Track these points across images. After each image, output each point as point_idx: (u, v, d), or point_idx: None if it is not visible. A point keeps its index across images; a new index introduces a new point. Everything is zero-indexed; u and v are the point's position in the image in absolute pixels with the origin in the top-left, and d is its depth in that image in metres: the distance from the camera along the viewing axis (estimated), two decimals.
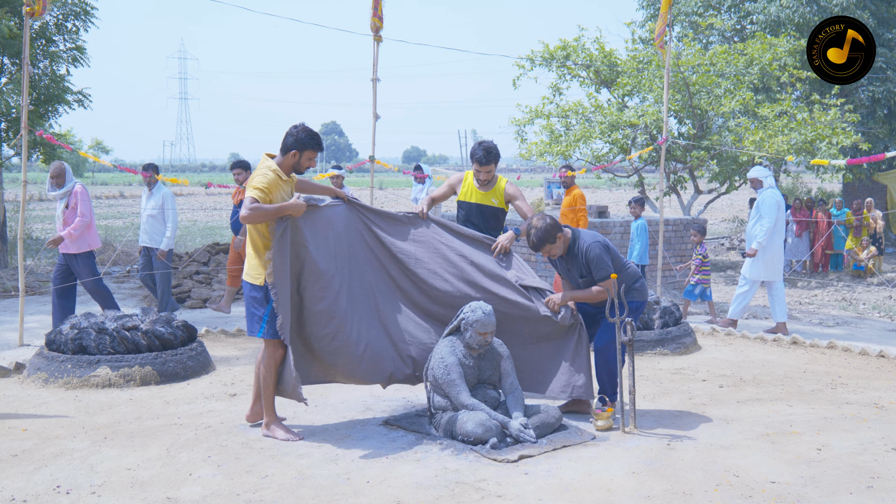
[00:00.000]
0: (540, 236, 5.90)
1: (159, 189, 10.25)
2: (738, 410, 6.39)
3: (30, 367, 7.22)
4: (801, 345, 8.93)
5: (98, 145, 75.76)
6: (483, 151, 6.64)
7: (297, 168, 5.66)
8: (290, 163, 5.62)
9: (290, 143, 5.59)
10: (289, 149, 5.59)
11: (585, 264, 5.99)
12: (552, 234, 5.91)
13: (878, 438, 5.68)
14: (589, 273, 6.01)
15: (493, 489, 4.70)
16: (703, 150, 15.84)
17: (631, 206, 11.79)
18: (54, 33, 16.11)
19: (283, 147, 5.63)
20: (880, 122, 20.27)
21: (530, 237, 5.92)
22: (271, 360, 5.64)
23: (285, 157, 5.61)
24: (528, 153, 17.77)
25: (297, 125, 5.64)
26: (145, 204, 10.29)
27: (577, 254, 6.02)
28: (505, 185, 6.85)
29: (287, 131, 5.64)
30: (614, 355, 5.98)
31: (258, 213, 5.36)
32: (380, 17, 10.10)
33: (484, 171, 6.70)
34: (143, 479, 4.81)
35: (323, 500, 4.54)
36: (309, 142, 5.61)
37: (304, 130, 5.61)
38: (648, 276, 13.80)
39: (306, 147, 5.60)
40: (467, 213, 6.91)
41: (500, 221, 6.95)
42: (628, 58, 17.79)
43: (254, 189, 5.40)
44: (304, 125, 5.65)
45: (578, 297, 6.09)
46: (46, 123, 16.53)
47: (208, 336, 9.06)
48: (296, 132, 5.59)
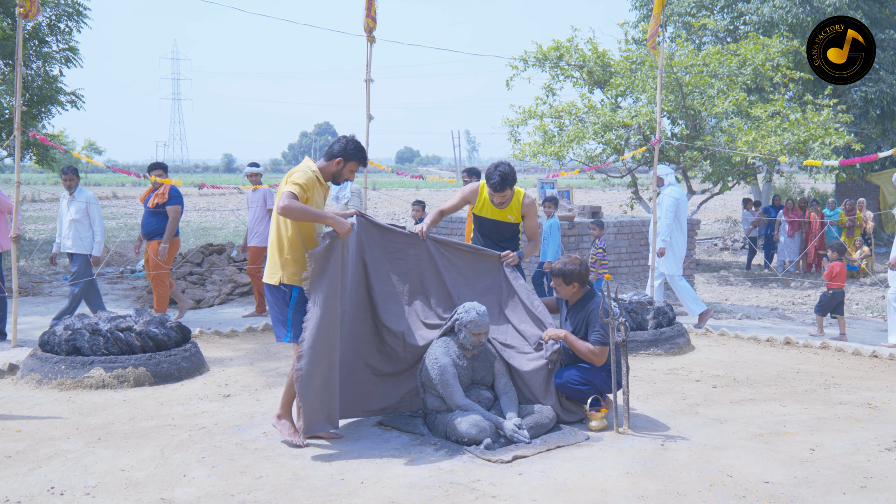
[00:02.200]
0: (561, 269, 6.12)
1: (82, 193, 9.80)
2: (732, 411, 6.41)
3: (23, 368, 7.21)
4: (794, 345, 8.95)
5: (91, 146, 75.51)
6: (499, 177, 6.41)
7: (337, 177, 5.61)
8: (332, 170, 5.58)
9: (337, 151, 5.56)
10: (335, 156, 5.56)
11: (585, 321, 6.04)
12: (572, 277, 6.09)
13: (871, 438, 5.70)
14: (584, 329, 6.04)
15: (487, 490, 4.70)
16: (697, 150, 15.86)
17: (545, 206, 11.83)
18: (47, 34, 16.09)
19: (328, 153, 5.59)
20: (873, 123, 20.34)
21: (556, 266, 6.15)
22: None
23: (329, 163, 5.57)
24: (521, 154, 17.76)
25: (348, 136, 5.63)
26: (66, 209, 9.79)
27: (585, 309, 6.07)
28: (522, 199, 6.67)
29: (336, 139, 5.62)
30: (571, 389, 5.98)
31: (300, 210, 5.26)
32: (373, 18, 10.10)
33: (498, 196, 6.52)
34: (137, 480, 4.80)
35: (317, 500, 4.54)
36: (356, 154, 5.60)
37: (354, 142, 5.60)
38: (643, 275, 13.84)
39: (352, 158, 5.58)
40: (481, 226, 6.82)
41: (516, 235, 6.86)
42: (621, 58, 17.81)
43: (294, 185, 5.33)
44: (354, 137, 5.64)
45: (574, 341, 5.99)
46: (39, 124, 16.50)
47: (202, 337, 9.05)
48: (345, 142, 5.58)
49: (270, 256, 5.53)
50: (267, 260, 5.58)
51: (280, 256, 5.45)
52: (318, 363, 5.29)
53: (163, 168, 10.30)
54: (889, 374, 7.79)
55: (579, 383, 5.94)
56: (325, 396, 5.37)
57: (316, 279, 5.33)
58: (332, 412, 5.46)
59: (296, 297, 5.45)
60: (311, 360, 5.26)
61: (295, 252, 5.45)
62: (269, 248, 5.56)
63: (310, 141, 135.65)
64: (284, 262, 5.43)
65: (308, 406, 5.30)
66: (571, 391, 5.97)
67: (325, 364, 5.34)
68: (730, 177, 16.86)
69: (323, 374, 5.33)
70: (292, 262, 5.43)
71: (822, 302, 10.32)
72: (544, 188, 16.82)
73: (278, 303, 5.48)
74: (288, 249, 5.45)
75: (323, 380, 5.34)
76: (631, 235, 14.17)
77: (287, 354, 8.34)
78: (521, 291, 6.30)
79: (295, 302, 5.45)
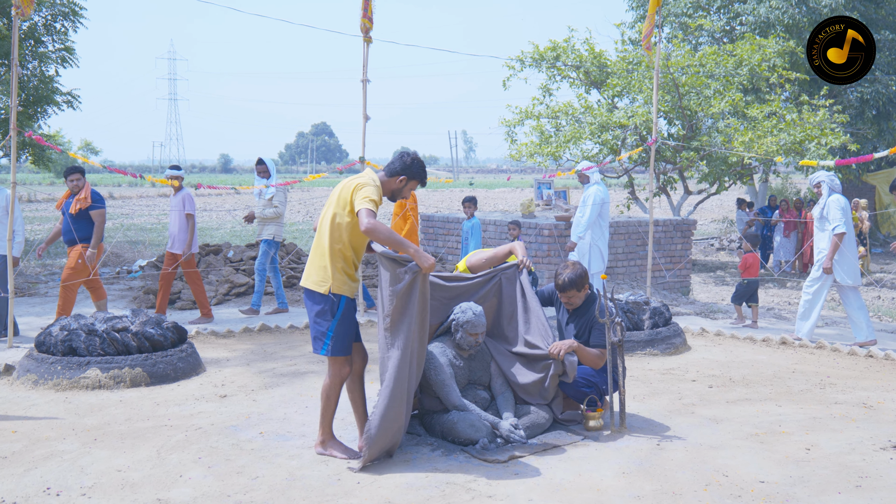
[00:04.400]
0: (572, 279, 5.97)
1: (1, 192, 9.45)
2: (728, 410, 6.42)
3: (19, 368, 7.20)
4: (790, 345, 8.97)
5: (87, 146, 75.56)
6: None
7: (397, 194, 5.44)
8: (393, 187, 5.40)
9: (400, 168, 5.38)
10: (398, 173, 5.38)
11: (589, 325, 6.02)
12: (583, 282, 6.00)
13: (866, 438, 5.72)
14: (587, 334, 6.03)
15: (483, 489, 4.71)
16: (693, 150, 15.90)
17: (464, 206, 11.87)
18: (43, 34, 16.07)
19: (390, 170, 5.40)
20: (869, 123, 20.38)
21: (562, 276, 5.99)
22: (337, 377, 5.28)
23: (391, 179, 5.38)
24: (518, 154, 17.81)
25: (411, 153, 5.46)
26: None
27: (589, 312, 6.05)
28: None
29: (398, 155, 5.44)
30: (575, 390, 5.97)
31: (386, 234, 4.98)
32: (370, 19, 10.10)
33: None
34: (133, 481, 4.80)
35: (313, 501, 4.54)
36: (419, 173, 5.43)
37: (418, 161, 5.44)
38: (640, 276, 13.86)
39: (415, 177, 5.42)
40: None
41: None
42: (618, 59, 17.85)
43: (371, 202, 5.05)
44: (417, 155, 5.48)
45: (585, 351, 5.94)
46: (35, 124, 16.48)
47: (198, 337, 9.05)
48: (409, 160, 5.39)
49: (318, 263, 5.25)
50: (311, 266, 5.29)
51: (332, 264, 5.19)
52: (395, 405, 5.11)
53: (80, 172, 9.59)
54: (884, 373, 7.81)
55: (584, 385, 5.95)
56: (394, 433, 5.21)
57: (398, 318, 5.15)
58: (395, 445, 5.32)
59: (342, 308, 5.22)
60: (389, 403, 5.09)
61: (346, 263, 5.22)
62: (318, 255, 5.26)
63: (307, 141, 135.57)
64: (335, 270, 5.18)
65: (379, 443, 5.10)
66: (575, 392, 5.98)
67: (401, 405, 5.16)
68: (726, 177, 16.91)
69: (397, 414, 5.15)
70: (342, 272, 5.20)
71: (738, 291, 10.70)
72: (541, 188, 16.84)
73: (322, 312, 5.21)
74: (340, 259, 5.21)
75: (396, 419, 5.16)
76: (627, 236, 14.19)
77: (284, 355, 8.34)
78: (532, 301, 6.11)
79: (341, 313, 5.21)
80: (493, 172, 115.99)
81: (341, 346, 5.21)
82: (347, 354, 5.27)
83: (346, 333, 5.23)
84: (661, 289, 13.91)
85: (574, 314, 6.14)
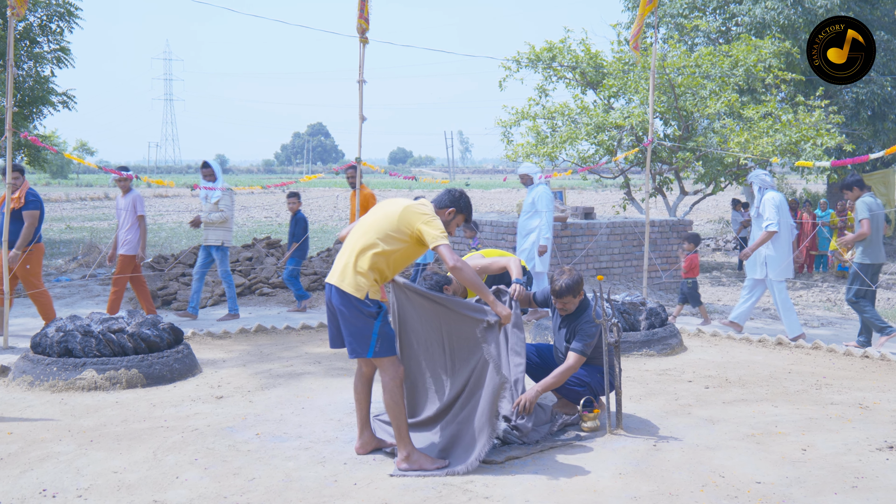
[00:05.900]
0: (569, 285, 5.92)
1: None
2: (724, 411, 6.43)
3: (15, 370, 7.18)
4: (786, 345, 8.98)
5: (83, 147, 75.46)
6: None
7: (446, 226, 5.41)
8: (444, 219, 5.40)
9: (449, 202, 5.41)
10: (447, 206, 5.41)
11: (575, 329, 5.96)
12: (579, 287, 5.96)
13: (862, 438, 5.72)
14: (572, 338, 6.00)
15: (480, 490, 4.71)
16: (689, 151, 15.92)
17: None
18: (38, 34, 16.05)
19: (440, 202, 5.42)
20: (864, 124, 20.41)
21: (558, 282, 5.94)
22: (396, 378, 5.13)
23: (441, 210, 5.40)
24: (514, 154, 17.80)
25: (459, 189, 5.50)
26: None
27: (579, 319, 5.99)
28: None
29: (446, 191, 5.48)
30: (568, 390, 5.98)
31: (471, 277, 5.12)
32: (366, 19, 10.09)
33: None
34: (129, 483, 4.80)
35: (310, 502, 4.54)
36: (467, 210, 5.49)
37: (465, 197, 5.50)
38: (636, 276, 13.87)
39: (462, 211, 5.47)
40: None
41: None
42: (614, 59, 17.86)
43: (445, 236, 5.12)
44: (465, 192, 5.54)
45: (547, 384, 5.81)
46: (31, 125, 16.46)
47: (195, 338, 9.04)
48: (458, 195, 5.45)
49: (357, 266, 5.11)
50: (347, 268, 5.14)
51: (372, 271, 5.10)
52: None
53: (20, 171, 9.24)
54: (880, 374, 7.83)
55: (576, 384, 5.95)
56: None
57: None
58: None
59: (384, 311, 5.18)
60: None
61: (380, 277, 5.17)
62: (356, 256, 5.13)
63: (303, 142, 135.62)
64: (372, 282, 5.09)
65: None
66: (568, 392, 5.98)
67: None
68: (722, 177, 16.92)
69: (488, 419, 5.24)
70: (375, 282, 5.12)
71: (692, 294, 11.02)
72: None
73: (361, 316, 5.08)
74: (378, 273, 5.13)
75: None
76: (623, 236, 14.21)
77: (280, 356, 8.33)
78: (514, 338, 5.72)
79: (383, 316, 5.13)
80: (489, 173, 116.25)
81: (389, 345, 5.14)
82: (395, 354, 5.19)
83: (390, 333, 5.18)
84: (657, 289, 13.92)
85: (566, 319, 6.12)
